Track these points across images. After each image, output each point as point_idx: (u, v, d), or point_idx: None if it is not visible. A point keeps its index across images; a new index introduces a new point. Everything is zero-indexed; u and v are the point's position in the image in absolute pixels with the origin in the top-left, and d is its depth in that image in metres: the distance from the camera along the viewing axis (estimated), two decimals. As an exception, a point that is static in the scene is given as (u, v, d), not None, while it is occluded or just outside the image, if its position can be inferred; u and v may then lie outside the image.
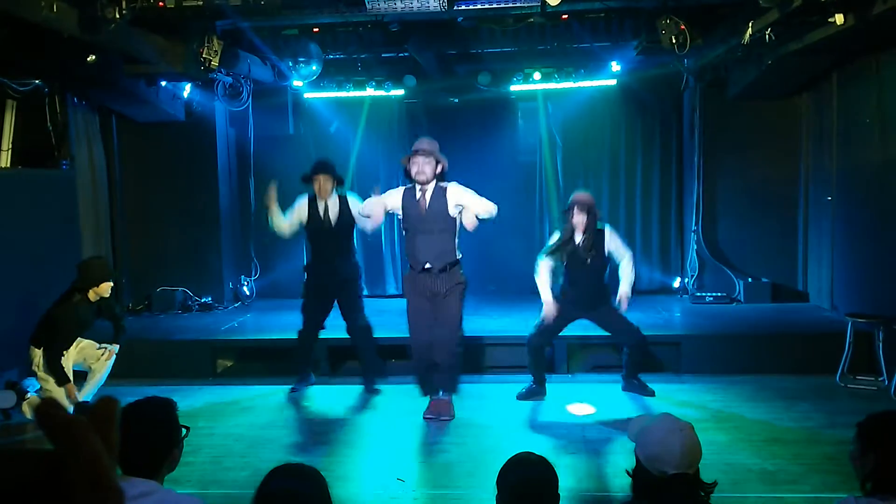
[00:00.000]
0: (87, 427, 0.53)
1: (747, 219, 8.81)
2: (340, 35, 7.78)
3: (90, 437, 0.53)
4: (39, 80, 7.44)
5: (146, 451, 2.20)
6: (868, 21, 5.43)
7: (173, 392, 6.08)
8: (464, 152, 9.47)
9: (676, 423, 2.15)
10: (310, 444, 5.33)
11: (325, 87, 8.80)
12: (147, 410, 2.27)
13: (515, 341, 7.21)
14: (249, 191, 9.35)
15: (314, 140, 9.60)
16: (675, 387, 6.42)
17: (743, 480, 4.40)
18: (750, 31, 6.32)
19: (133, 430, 2.16)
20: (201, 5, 5.85)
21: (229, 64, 7.37)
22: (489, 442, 5.22)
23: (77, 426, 0.52)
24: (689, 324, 7.73)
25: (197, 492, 4.38)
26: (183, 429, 2.35)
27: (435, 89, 8.92)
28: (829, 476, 4.41)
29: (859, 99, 7.04)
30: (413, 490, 4.45)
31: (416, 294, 5.67)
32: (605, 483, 4.45)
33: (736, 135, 8.70)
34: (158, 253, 8.93)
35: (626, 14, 7.22)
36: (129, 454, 2.17)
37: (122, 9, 5.57)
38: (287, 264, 9.67)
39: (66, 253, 7.87)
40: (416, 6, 6.14)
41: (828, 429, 5.22)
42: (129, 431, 2.13)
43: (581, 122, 9.37)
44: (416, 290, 5.66)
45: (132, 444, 2.15)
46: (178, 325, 8.20)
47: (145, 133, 8.90)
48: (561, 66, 8.56)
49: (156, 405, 2.32)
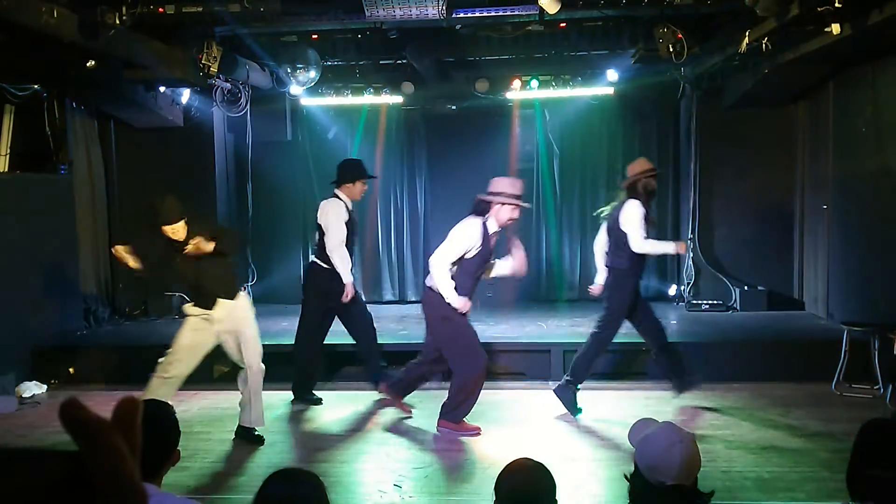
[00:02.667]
0: (110, 427, 0.54)
1: (743, 227, 8.84)
2: (339, 42, 7.81)
3: (113, 437, 0.54)
4: (38, 84, 7.46)
5: (145, 454, 2.20)
6: (864, 30, 5.47)
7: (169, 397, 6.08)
8: (461, 159, 9.51)
9: (678, 435, 2.14)
10: (307, 450, 5.33)
11: (324, 93, 8.82)
12: (146, 414, 2.27)
13: (512, 348, 7.23)
14: (247, 197, 9.36)
15: (312, 146, 9.63)
16: (671, 394, 6.42)
17: (739, 488, 4.41)
18: (747, 41, 6.36)
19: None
20: (201, 11, 5.88)
21: (228, 70, 7.39)
22: (486, 448, 5.23)
23: (100, 426, 0.53)
24: (684, 331, 7.74)
25: (194, 497, 4.38)
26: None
27: (433, 96, 8.94)
28: (824, 484, 4.42)
29: (855, 108, 7.07)
30: (410, 496, 4.45)
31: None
32: (603, 489, 4.46)
33: (732, 143, 8.74)
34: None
35: (623, 23, 7.26)
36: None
37: (123, 14, 5.59)
38: (284, 270, 9.69)
39: (64, 257, 7.88)
40: (415, 14, 6.17)
41: (824, 437, 5.23)
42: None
43: (578, 130, 9.41)
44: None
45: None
46: (174, 331, 8.15)
47: (144, 138, 8.90)
48: (559, 74, 8.59)
49: (154, 408, 2.33)
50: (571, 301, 9.31)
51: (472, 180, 9.39)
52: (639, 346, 7.09)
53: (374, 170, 9.50)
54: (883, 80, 6.54)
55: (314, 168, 9.65)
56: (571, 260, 9.57)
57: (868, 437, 2.24)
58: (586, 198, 9.56)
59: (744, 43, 6.40)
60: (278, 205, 9.57)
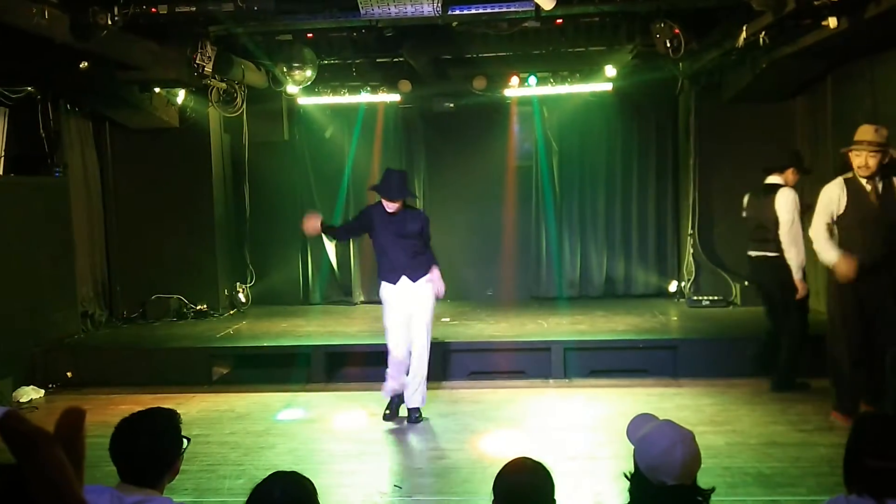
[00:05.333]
0: (50, 439, 0.51)
1: (743, 222, 8.80)
2: (335, 40, 7.77)
3: (54, 449, 0.51)
4: (32, 86, 7.41)
5: (148, 461, 2.23)
6: (861, 24, 5.44)
7: (168, 400, 6.08)
8: (459, 157, 9.48)
9: (679, 434, 2.11)
10: (305, 451, 5.30)
11: (320, 92, 8.78)
12: (149, 422, 2.30)
13: (512, 346, 7.20)
14: (244, 197, 9.32)
15: (309, 146, 9.59)
16: (672, 390, 6.41)
17: (740, 484, 4.39)
18: (744, 35, 6.34)
19: (136, 441, 2.21)
20: (194, 11, 5.83)
21: (223, 70, 7.36)
22: (485, 447, 5.20)
23: (39, 438, 0.50)
24: (685, 327, 7.72)
25: (192, 500, 4.36)
26: (185, 440, 2.37)
27: (430, 94, 8.91)
28: (825, 478, 4.40)
29: (853, 101, 7.05)
30: (410, 496, 4.42)
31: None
32: (602, 488, 4.43)
33: (731, 138, 8.71)
34: (153, 260, 8.88)
35: (620, 18, 7.23)
36: (132, 464, 2.20)
37: (115, 15, 5.55)
38: (282, 271, 9.66)
39: (60, 261, 7.85)
40: (411, 11, 6.14)
41: (824, 432, 5.21)
42: (132, 442, 2.20)
43: (577, 127, 9.38)
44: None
45: (135, 454, 2.20)
46: (173, 333, 8.16)
47: (139, 139, 8.86)
48: (556, 71, 8.56)
49: (160, 416, 2.34)
50: (571, 298, 9.28)
51: (470, 178, 9.42)
52: (637, 342, 7.09)
53: (372, 169, 9.51)
54: (881, 74, 6.52)
55: (311, 168, 9.62)
56: (571, 257, 9.53)
57: (863, 428, 2.26)
58: (586, 195, 9.53)
59: (741, 38, 6.37)
60: (276, 205, 9.53)
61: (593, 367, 6.97)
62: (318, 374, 7.08)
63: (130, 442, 2.20)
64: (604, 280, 9.51)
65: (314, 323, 8.45)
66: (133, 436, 2.21)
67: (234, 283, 9.37)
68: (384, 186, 5.72)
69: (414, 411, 5.79)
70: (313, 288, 9.74)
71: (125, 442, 2.20)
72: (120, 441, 2.19)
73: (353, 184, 9.56)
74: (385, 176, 5.82)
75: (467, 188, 9.45)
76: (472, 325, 7.82)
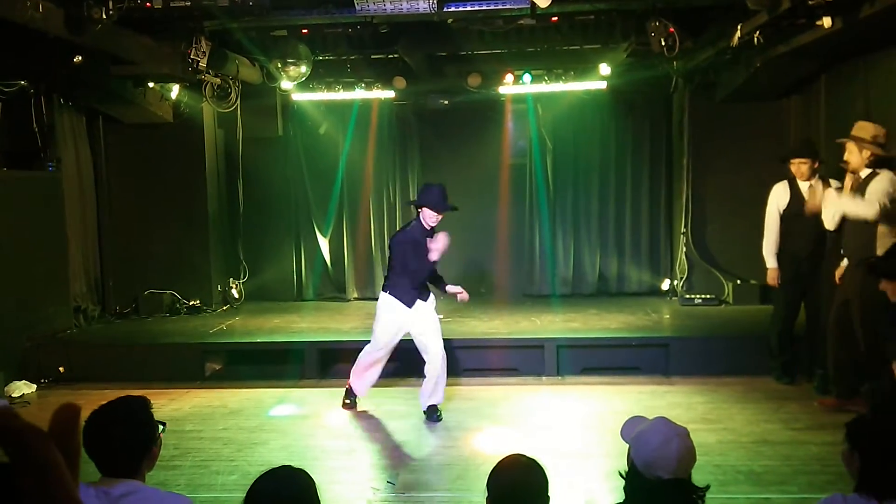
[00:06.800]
0: (43, 436, 0.51)
1: (736, 221, 8.82)
2: (329, 36, 7.75)
3: (45, 446, 0.51)
4: (25, 80, 7.38)
5: (125, 451, 2.19)
6: (855, 24, 5.45)
7: (161, 396, 6.08)
8: (453, 155, 9.48)
9: (673, 430, 2.14)
10: (298, 448, 5.30)
11: (314, 88, 8.77)
12: (121, 410, 2.25)
13: (505, 344, 7.21)
14: (238, 192, 9.30)
15: (303, 142, 9.58)
16: (664, 388, 6.43)
17: (731, 481, 4.41)
18: (738, 34, 6.35)
19: (110, 431, 2.16)
20: (189, 6, 5.81)
21: (217, 65, 7.34)
22: (479, 444, 5.21)
23: (31, 435, 0.50)
24: (677, 325, 7.75)
25: (185, 495, 4.35)
26: (160, 425, 2.33)
27: (425, 91, 8.90)
28: (816, 477, 4.43)
29: (847, 101, 7.07)
30: (402, 493, 4.43)
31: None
32: (596, 485, 4.44)
33: (725, 137, 8.73)
34: (146, 255, 8.86)
35: (615, 16, 7.23)
36: (108, 455, 2.17)
37: (109, 9, 5.52)
38: (276, 267, 9.65)
39: (53, 255, 7.82)
40: (406, 7, 6.13)
41: (815, 430, 5.24)
42: (106, 433, 2.15)
43: (571, 125, 9.39)
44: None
45: (110, 445, 2.16)
46: (165, 328, 8.14)
47: (133, 134, 8.83)
48: (551, 69, 8.56)
49: (130, 404, 2.29)
50: (564, 296, 9.30)
51: (464, 175, 9.41)
52: (630, 340, 7.10)
53: (366, 165, 9.50)
54: (874, 74, 6.54)
55: (306, 164, 9.60)
56: (565, 255, 9.55)
57: (872, 435, 2.21)
58: (579, 192, 9.54)
59: (736, 37, 6.39)
60: (269, 201, 9.51)
61: (586, 364, 6.99)
62: (311, 371, 7.08)
63: (104, 433, 2.15)
64: (597, 278, 9.53)
65: (307, 319, 8.45)
66: (106, 427, 2.16)
67: (228, 278, 9.36)
68: (434, 199, 5.61)
69: (433, 409, 5.78)
70: (307, 284, 9.73)
71: (99, 434, 2.13)
72: (93, 434, 2.11)
73: (346, 180, 9.56)
74: (429, 189, 5.73)
75: (461, 185, 9.40)
76: (466, 323, 7.83)
